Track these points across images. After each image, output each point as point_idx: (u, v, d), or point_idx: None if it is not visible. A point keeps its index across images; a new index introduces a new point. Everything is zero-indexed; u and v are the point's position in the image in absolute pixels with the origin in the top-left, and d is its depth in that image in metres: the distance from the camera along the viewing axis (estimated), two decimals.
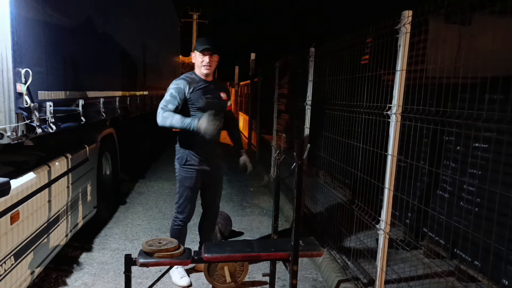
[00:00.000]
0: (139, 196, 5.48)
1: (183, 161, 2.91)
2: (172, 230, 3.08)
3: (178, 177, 2.97)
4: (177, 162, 2.96)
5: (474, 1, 1.81)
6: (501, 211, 2.44)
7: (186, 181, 2.94)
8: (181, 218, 3.02)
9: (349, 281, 2.95)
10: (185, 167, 2.92)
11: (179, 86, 2.80)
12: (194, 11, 27.23)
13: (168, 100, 2.77)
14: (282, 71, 6.40)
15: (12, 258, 2.34)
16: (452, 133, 2.86)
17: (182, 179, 2.94)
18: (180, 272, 3.08)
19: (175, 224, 3.05)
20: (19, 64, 2.32)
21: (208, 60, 2.83)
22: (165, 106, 2.75)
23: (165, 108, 2.74)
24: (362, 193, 2.98)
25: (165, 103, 2.76)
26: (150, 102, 6.96)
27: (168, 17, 10.10)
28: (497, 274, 2.54)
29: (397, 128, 2.39)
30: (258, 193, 5.95)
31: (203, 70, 2.88)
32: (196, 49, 2.87)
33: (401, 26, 2.30)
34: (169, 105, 2.75)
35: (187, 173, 2.93)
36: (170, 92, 2.79)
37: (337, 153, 3.49)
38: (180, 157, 2.93)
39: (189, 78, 2.87)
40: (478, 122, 1.94)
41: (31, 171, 2.62)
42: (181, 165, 2.93)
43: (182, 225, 3.05)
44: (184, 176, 2.93)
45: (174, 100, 2.77)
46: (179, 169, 2.95)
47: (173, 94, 2.77)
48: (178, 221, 3.03)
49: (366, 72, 2.92)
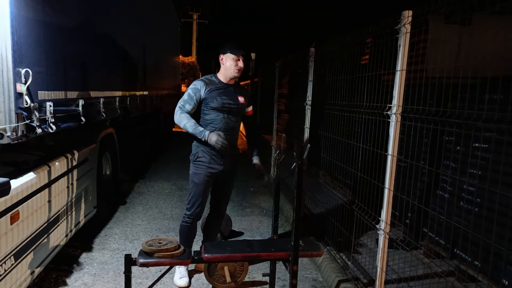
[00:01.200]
0: (139, 196, 5.48)
1: (195, 157, 2.95)
2: (180, 226, 3.08)
3: (190, 172, 3.00)
4: (191, 158, 3.00)
5: (474, 1, 1.81)
6: (501, 211, 2.44)
7: (195, 177, 2.96)
8: (189, 215, 3.01)
9: (349, 281, 2.95)
10: (196, 163, 2.95)
11: (196, 86, 2.89)
12: (194, 11, 27.23)
13: (186, 100, 2.86)
14: (282, 71, 6.40)
15: (12, 258, 2.33)
16: (452, 133, 2.87)
17: (192, 175, 2.98)
18: (180, 272, 3.08)
19: (183, 221, 3.05)
20: (19, 64, 2.32)
21: (242, 64, 2.92)
22: (182, 106, 2.86)
23: (183, 108, 2.85)
24: (362, 193, 2.98)
25: (183, 102, 2.87)
26: (150, 102, 6.96)
27: (168, 17, 10.10)
28: (497, 274, 2.54)
29: (397, 128, 2.39)
30: (258, 193, 5.95)
31: (235, 73, 2.93)
32: (230, 52, 2.90)
33: (401, 26, 2.30)
34: (186, 105, 2.85)
35: (197, 169, 2.95)
36: (188, 92, 2.88)
37: (337, 153, 3.49)
38: (193, 154, 2.97)
39: (208, 80, 2.95)
40: (478, 122, 1.94)
41: (31, 171, 2.62)
42: (192, 161, 2.97)
43: (190, 223, 3.03)
44: (194, 172, 2.96)
45: (191, 101, 2.86)
46: (191, 166, 2.99)
47: (191, 94, 2.87)
48: (185, 217, 3.03)
49: (366, 72, 2.92)
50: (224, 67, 2.94)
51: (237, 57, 2.89)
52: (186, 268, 3.11)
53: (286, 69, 6.32)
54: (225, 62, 2.92)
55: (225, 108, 2.90)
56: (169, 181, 6.39)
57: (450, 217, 2.84)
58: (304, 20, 39.95)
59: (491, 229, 2.42)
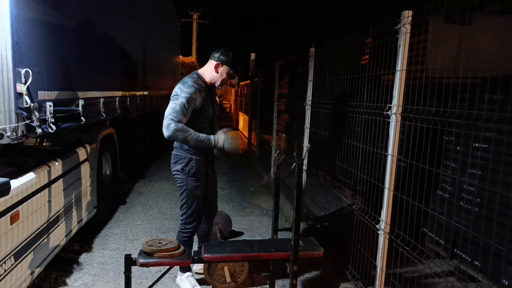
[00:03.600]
0: (139, 196, 5.48)
1: (192, 170, 2.72)
2: (181, 241, 2.76)
3: (186, 187, 2.75)
4: (182, 172, 2.74)
5: (474, 1, 1.81)
6: (501, 211, 2.44)
7: (197, 190, 2.76)
8: (190, 229, 2.83)
9: (349, 281, 2.95)
10: (195, 176, 2.73)
11: (192, 97, 2.59)
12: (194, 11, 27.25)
13: (178, 112, 2.52)
14: (282, 71, 6.40)
15: (12, 258, 2.33)
16: (452, 133, 2.87)
17: (192, 189, 2.74)
18: (191, 282, 2.91)
19: (185, 236, 2.84)
20: (19, 64, 2.32)
21: (233, 83, 2.91)
22: (175, 117, 2.50)
23: (175, 120, 2.50)
24: (362, 193, 2.98)
25: (176, 114, 2.51)
26: (150, 102, 6.96)
27: (168, 17, 10.10)
28: (497, 274, 2.54)
29: (397, 128, 2.39)
30: (258, 193, 5.95)
31: (221, 86, 2.81)
32: (232, 69, 2.75)
33: (401, 26, 2.30)
34: (180, 118, 2.52)
35: (196, 182, 2.74)
36: (181, 102, 2.54)
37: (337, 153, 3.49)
38: (188, 167, 2.72)
39: (198, 85, 2.68)
40: (478, 122, 1.94)
41: (31, 171, 2.62)
42: (189, 175, 2.73)
43: (189, 236, 2.86)
44: (194, 186, 2.74)
45: (187, 113, 2.57)
46: (186, 179, 2.74)
47: (185, 105, 2.55)
48: (186, 232, 2.84)
49: (366, 72, 2.92)
50: (214, 74, 2.76)
51: (235, 77, 2.79)
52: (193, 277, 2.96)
53: (286, 69, 6.32)
54: (220, 71, 2.74)
55: (215, 113, 2.80)
56: (169, 181, 6.39)
57: (450, 217, 2.84)
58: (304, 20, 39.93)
59: (491, 229, 2.42)
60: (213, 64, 2.75)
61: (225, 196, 5.65)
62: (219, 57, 2.74)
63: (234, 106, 17.44)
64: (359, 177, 3.08)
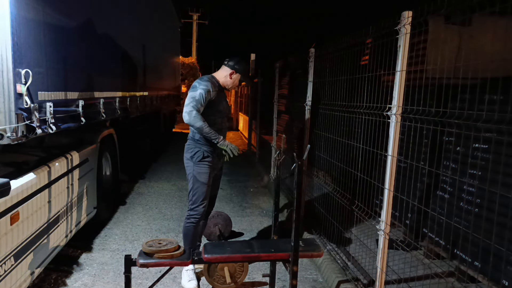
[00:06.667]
0: (139, 197, 5.48)
1: (200, 157, 2.96)
2: (185, 228, 3.03)
3: (193, 173, 2.99)
4: (191, 159, 2.99)
5: (474, 2, 1.81)
6: (501, 212, 2.44)
7: (201, 177, 2.98)
8: (195, 215, 2.99)
9: (349, 282, 2.95)
10: (201, 163, 2.97)
11: (208, 88, 2.89)
12: (194, 12, 27.23)
13: (198, 101, 2.84)
14: (282, 71, 6.40)
15: (12, 259, 2.33)
16: (452, 134, 2.87)
17: (197, 175, 2.98)
18: (189, 275, 3.06)
19: (189, 222, 3.01)
20: (19, 65, 2.32)
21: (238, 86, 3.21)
22: (195, 106, 2.82)
23: (196, 108, 2.82)
24: (362, 193, 2.98)
25: (195, 103, 2.83)
26: (150, 102, 6.96)
27: (168, 17, 10.10)
28: (497, 275, 2.54)
29: (397, 129, 2.39)
30: (258, 194, 5.95)
31: (231, 88, 3.16)
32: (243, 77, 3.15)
33: (401, 27, 2.30)
34: (199, 106, 2.84)
35: (202, 168, 2.97)
36: (200, 92, 2.86)
37: (337, 153, 3.48)
38: (196, 154, 2.97)
39: (212, 81, 2.99)
40: (478, 123, 1.94)
41: (31, 172, 2.62)
42: (196, 161, 2.97)
43: (196, 222, 3.01)
44: (199, 172, 2.97)
45: (204, 102, 2.87)
46: (192, 166, 2.99)
47: (203, 95, 2.85)
48: (192, 218, 3.00)
49: (366, 73, 2.92)
50: (228, 79, 3.07)
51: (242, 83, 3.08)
52: (193, 271, 3.09)
53: (286, 70, 6.32)
54: (233, 78, 3.08)
55: (226, 111, 3.08)
56: (169, 181, 6.39)
57: (450, 218, 2.84)
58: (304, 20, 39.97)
59: (491, 230, 2.42)
60: (227, 71, 3.08)
61: (225, 196, 5.65)
62: (234, 66, 3.08)
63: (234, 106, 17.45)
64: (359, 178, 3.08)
